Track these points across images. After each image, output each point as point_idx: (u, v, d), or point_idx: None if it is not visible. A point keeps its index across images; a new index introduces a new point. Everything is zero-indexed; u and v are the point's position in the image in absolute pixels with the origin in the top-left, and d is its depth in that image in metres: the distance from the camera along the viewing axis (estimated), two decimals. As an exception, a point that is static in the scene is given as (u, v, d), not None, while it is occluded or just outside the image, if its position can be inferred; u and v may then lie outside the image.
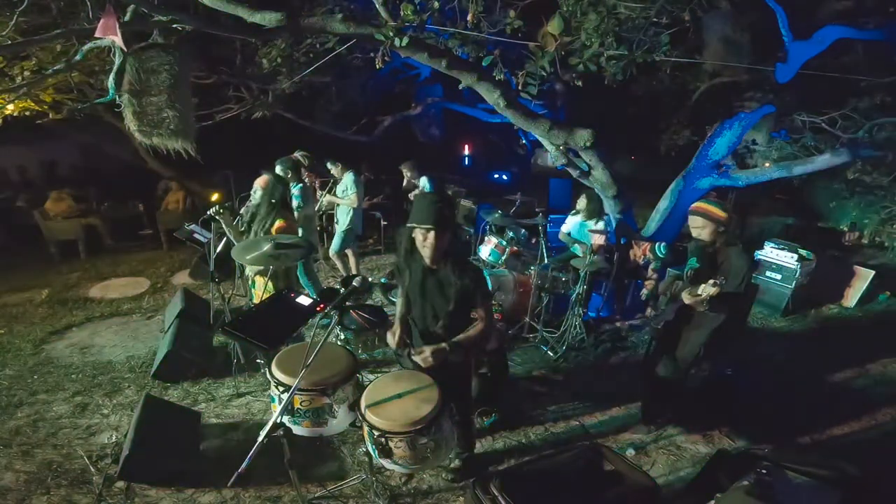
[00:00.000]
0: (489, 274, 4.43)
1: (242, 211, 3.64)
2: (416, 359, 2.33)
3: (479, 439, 3.11)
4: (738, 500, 2.02)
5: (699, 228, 2.86)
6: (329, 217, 6.53)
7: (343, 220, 5.31)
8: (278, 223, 3.45)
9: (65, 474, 2.89)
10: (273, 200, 3.49)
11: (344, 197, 5.24)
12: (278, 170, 4.63)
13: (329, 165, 5.41)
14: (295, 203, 4.48)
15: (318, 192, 5.20)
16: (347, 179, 5.22)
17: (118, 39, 2.78)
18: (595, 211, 4.75)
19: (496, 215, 5.06)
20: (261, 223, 3.49)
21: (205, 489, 2.77)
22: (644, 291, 3.65)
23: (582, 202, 4.79)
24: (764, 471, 2.10)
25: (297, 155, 5.06)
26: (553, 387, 3.82)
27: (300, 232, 4.54)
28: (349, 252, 5.47)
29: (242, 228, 3.59)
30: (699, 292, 2.62)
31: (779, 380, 4.00)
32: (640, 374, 3.46)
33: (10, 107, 4.03)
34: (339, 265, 5.60)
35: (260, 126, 6.16)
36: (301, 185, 4.64)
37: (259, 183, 3.49)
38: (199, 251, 4.97)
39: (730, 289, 2.69)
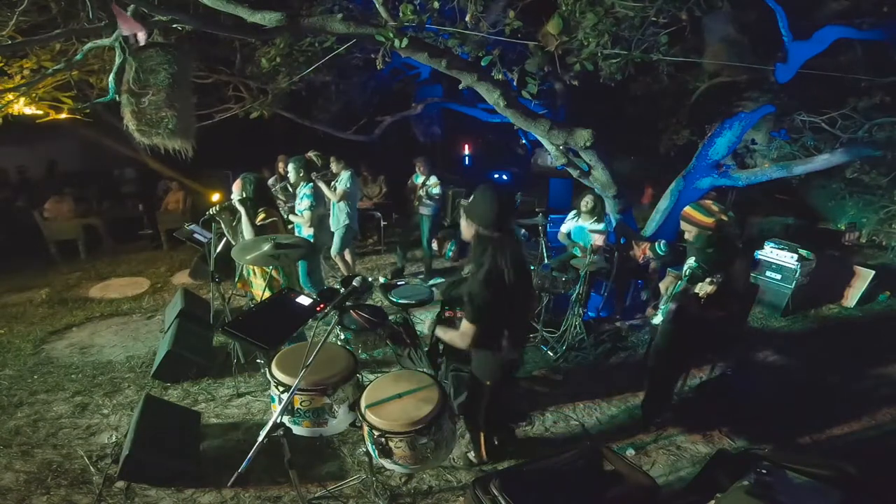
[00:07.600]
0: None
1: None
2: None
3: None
4: (738, 500, 2.02)
5: (688, 233, 2.98)
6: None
7: (335, 220, 5.32)
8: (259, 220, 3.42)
9: (65, 474, 2.89)
10: (241, 199, 3.44)
11: (334, 190, 5.23)
12: (290, 168, 4.66)
13: (332, 161, 5.44)
14: (307, 203, 4.51)
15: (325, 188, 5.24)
16: (343, 176, 5.25)
17: (142, 34, 2.80)
18: (597, 211, 4.75)
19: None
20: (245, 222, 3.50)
21: (205, 489, 2.77)
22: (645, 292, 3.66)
23: (589, 204, 4.77)
24: (764, 471, 2.10)
25: (311, 155, 5.08)
26: (553, 387, 3.82)
27: (311, 231, 4.57)
28: (346, 253, 5.48)
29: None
30: (696, 290, 2.65)
31: (779, 380, 4.00)
32: (644, 374, 3.46)
33: (18, 105, 4.01)
34: (340, 266, 5.61)
35: (259, 126, 6.16)
36: (311, 184, 4.65)
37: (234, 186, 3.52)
38: (199, 251, 4.97)
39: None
